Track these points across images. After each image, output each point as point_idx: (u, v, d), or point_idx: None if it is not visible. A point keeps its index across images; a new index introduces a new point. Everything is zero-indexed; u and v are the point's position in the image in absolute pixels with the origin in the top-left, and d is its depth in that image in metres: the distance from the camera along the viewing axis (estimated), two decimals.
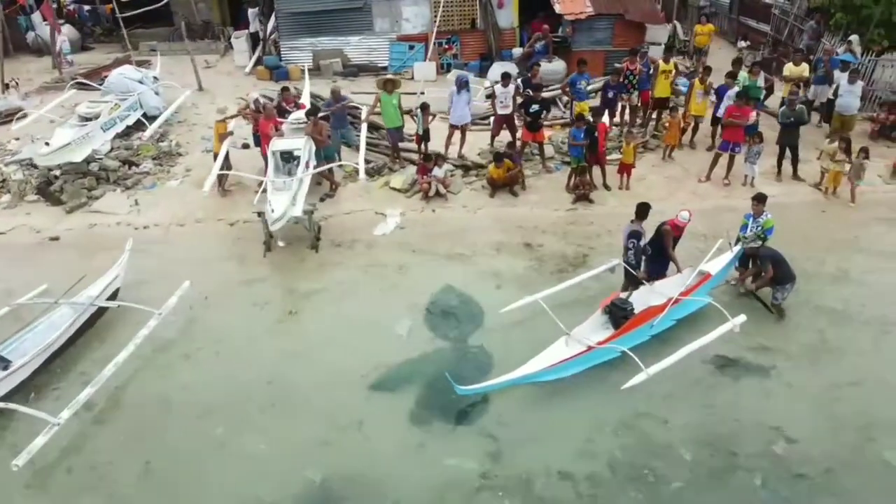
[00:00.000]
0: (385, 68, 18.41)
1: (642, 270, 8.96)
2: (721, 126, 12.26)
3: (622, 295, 8.50)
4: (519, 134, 12.73)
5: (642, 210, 8.74)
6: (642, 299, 8.50)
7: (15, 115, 13.58)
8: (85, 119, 12.76)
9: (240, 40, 19.09)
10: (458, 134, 12.80)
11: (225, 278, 10.01)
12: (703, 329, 8.20)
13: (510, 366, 7.74)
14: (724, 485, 6.80)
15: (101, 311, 9.07)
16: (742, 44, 16.88)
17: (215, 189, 11.88)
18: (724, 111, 11.84)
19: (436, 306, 9.32)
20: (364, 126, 12.75)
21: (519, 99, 12.57)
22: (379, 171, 12.80)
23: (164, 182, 12.60)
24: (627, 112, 13.63)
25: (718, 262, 9.09)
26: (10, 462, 6.54)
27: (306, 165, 11.15)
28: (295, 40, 18.38)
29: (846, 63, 13.12)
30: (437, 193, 11.93)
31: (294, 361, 8.42)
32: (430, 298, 9.45)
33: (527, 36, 17.74)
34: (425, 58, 17.97)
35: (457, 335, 8.80)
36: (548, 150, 13.04)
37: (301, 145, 11.07)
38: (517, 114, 12.69)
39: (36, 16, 19.29)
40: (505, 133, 12.92)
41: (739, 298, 9.33)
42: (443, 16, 18.01)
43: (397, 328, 8.94)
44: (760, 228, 9.05)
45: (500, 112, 12.56)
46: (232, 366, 8.36)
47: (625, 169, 12.02)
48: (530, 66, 16.71)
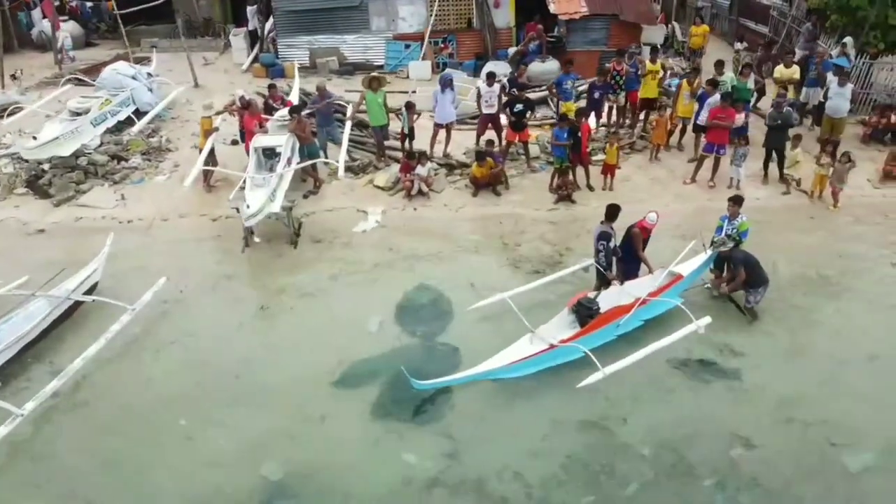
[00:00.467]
0: (381, 67, 18.50)
1: (615, 271, 8.96)
2: (701, 130, 12.20)
3: (590, 294, 8.48)
4: (504, 133, 12.72)
5: (612, 211, 8.72)
6: (611, 299, 8.47)
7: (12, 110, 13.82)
8: (75, 114, 12.95)
9: (238, 38, 19.26)
10: (444, 133, 12.81)
11: (202, 273, 10.10)
12: (672, 330, 8.16)
13: (475, 362, 7.78)
14: (680, 488, 6.76)
15: (78, 305, 9.16)
16: (738, 45, 16.72)
17: (201, 185, 12.02)
18: (708, 115, 11.70)
19: (407, 303, 9.36)
20: (348, 124, 12.80)
21: (505, 98, 12.57)
22: (364, 169, 12.86)
23: (152, 177, 12.74)
24: (615, 113, 13.55)
25: (691, 264, 9.03)
26: None
27: (288, 162, 11.22)
28: (292, 38, 18.51)
29: (839, 67, 12.95)
30: (420, 192, 11.96)
31: (262, 356, 8.47)
32: (403, 296, 9.49)
33: (523, 36, 17.71)
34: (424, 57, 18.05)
35: (426, 332, 8.83)
36: (533, 150, 13.02)
37: (283, 142, 11.15)
38: (503, 113, 12.68)
39: (37, 12, 19.56)
40: (491, 132, 12.90)
41: (714, 301, 9.27)
42: (439, 15, 18.05)
43: (368, 324, 8.98)
44: (735, 231, 8.98)
45: (485, 111, 12.57)
46: (201, 359, 8.44)
47: (608, 170, 11.97)
48: (525, 65, 16.88)
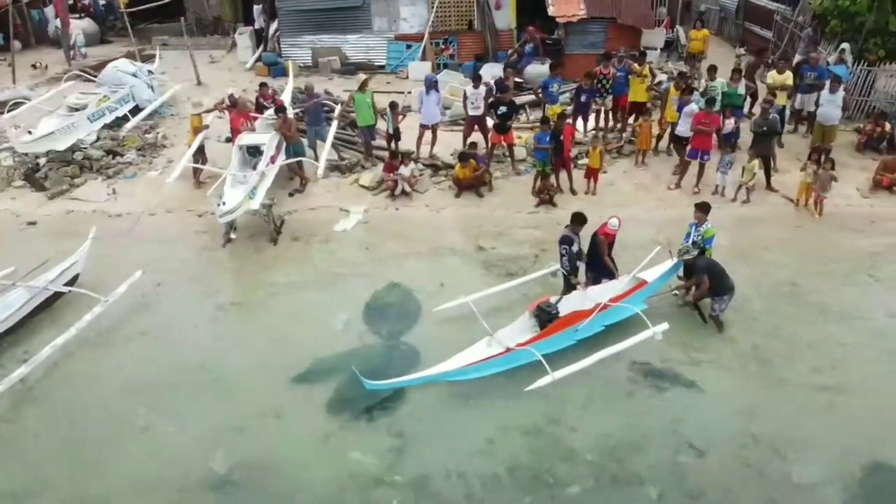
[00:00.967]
0: (382, 67, 18.68)
1: (587, 276, 9.00)
2: (679, 140, 12.13)
3: (552, 299, 8.51)
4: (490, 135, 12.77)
5: (576, 218, 8.75)
6: (572, 304, 8.48)
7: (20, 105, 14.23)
8: (74, 109, 13.31)
9: (244, 36, 19.59)
10: (430, 134, 12.90)
11: (181, 267, 10.35)
12: (633, 336, 8.14)
13: (434, 363, 7.83)
14: (622, 495, 6.76)
15: (58, 295, 9.47)
16: (740, 50, 16.51)
17: (190, 181, 12.30)
18: (692, 122, 11.60)
19: (376, 302, 9.48)
20: (334, 124, 12.96)
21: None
22: (352, 169, 13.02)
23: (145, 172, 13.06)
24: (602, 117, 13.51)
25: (656, 270, 9.01)
26: None
27: (272, 160, 11.42)
28: (296, 37, 18.78)
29: (835, 75, 12.72)
30: (403, 192, 12.07)
31: (229, 350, 8.66)
32: (372, 295, 9.61)
33: (523, 38, 17.71)
34: (423, 57, 18.16)
35: (390, 331, 8.94)
36: (520, 153, 13.04)
37: (266, 140, 11.34)
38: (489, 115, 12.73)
39: (50, 9, 20.11)
40: (477, 134, 12.96)
41: (682, 308, 9.21)
42: (440, 16, 18.15)
43: (335, 322, 9.12)
44: (701, 237, 8.93)
45: (472, 113, 12.61)
46: (169, 351, 8.66)
47: (591, 174, 11.95)
48: (520, 69, 16.90)
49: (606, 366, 7.97)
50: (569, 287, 8.94)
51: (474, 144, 12.25)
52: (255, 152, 11.46)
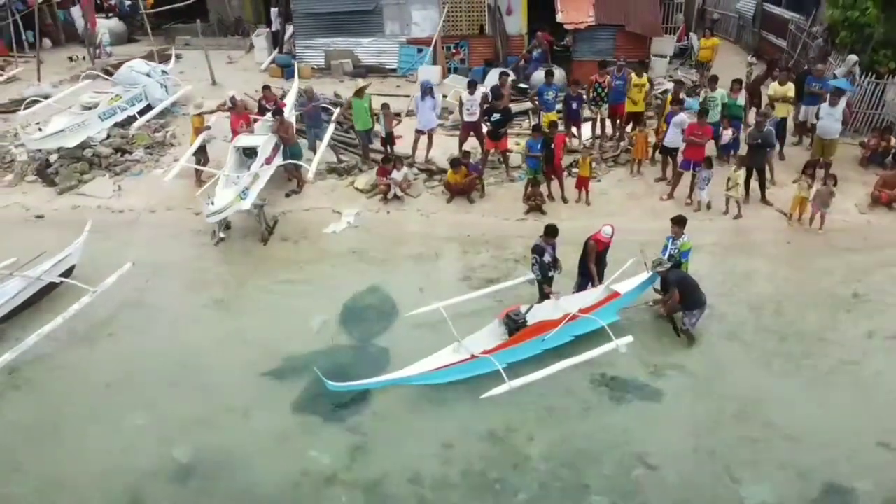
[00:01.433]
0: (394, 70, 18.89)
1: (577, 280, 9.20)
2: (667, 151, 12.07)
3: (522, 308, 8.58)
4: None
5: (549, 230, 8.84)
6: (543, 313, 8.55)
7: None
8: (86, 108, 13.83)
9: (260, 38, 19.99)
10: (426, 139, 13.05)
11: (173, 263, 10.71)
12: (598, 347, 8.18)
13: (402, 366, 8.01)
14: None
15: (53, 286, 9.90)
16: (752, 59, 16.26)
17: (192, 180, 12.66)
18: (685, 132, 11.52)
19: (354, 304, 9.67)
20: (330, 128, 13.20)
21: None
22: (350, 171, 13.25)
23: (151, 170, 13.49)
24: (598, 125, 13.48)
25: (630, 282, 9.00)
26: None
27: (267, 162, 11.71)
28: (310, 40, 19.10)
29: (839, 89, 12.44)
30: (396, 196, 12.25)
31: (207, 346, 8.96)
32: (351, 296, 9.80)
33: (533, 43, 17.73)
34: (434, 61, 18.31)
35: (364, 333, 9.13)
36: (515, 160, 13.10)
37: (261, 142, 11.64)
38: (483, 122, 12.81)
39: (76, 10, 20.83)
40: (473, 140, 13.05)
41: (657, 321, 9.20)
42: (451, 21, 18.27)
43: (312, 322, 9.35)
44: (677, 251, 8.90)
45: (467, 119, 12.69)
46: (150, 346, 9.00)
47: (582, 183, 11.94)
48: (527, 74, 16.96)
49: (571, 375, 8.04)
50: (543, 295, 9.01)
51: (467, 153, 12.37)
52: (251, 153, 11.77)
